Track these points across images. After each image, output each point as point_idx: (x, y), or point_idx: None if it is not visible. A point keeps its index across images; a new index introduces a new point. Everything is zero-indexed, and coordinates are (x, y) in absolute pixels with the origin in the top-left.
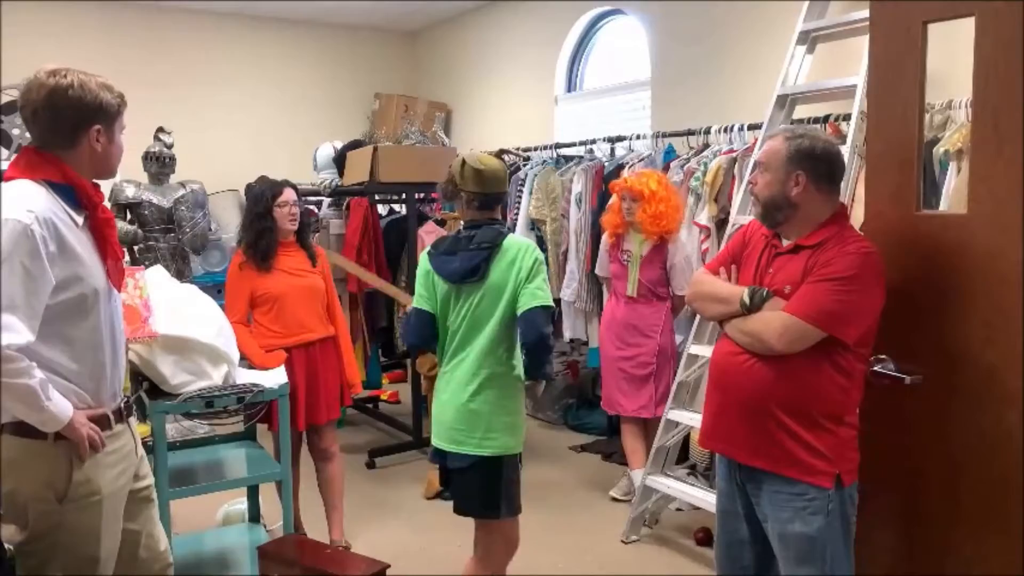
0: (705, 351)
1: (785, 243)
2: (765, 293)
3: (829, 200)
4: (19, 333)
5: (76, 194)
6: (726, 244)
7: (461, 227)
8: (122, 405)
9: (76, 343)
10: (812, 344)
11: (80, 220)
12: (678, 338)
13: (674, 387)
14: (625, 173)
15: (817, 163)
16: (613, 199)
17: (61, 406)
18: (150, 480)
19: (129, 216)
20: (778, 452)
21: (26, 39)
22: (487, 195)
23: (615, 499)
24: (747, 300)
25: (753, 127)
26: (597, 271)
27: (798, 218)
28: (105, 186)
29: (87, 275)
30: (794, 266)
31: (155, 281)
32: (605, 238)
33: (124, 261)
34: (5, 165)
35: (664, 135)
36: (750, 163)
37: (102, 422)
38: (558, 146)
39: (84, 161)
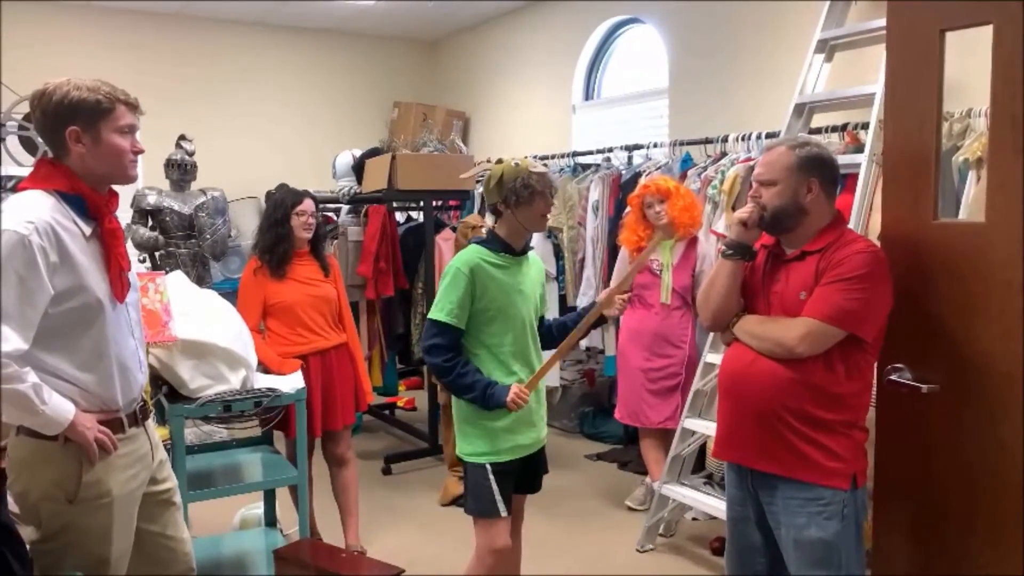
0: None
1: (789, 251)
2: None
3: (831, 205)
4: (9, 341)
5: (85, 204)
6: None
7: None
8: (137, 409)
9: (81, 351)
10: (832, 345)
11: (89, 230)
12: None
13: (690, 396)
14: (642, 181)
15: (825, 170)
16: (628, 214)
17: (60, 410)
18: (171, 484)
19: (151, 223)
20: (794, 457)
21: (49, 48)
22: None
23: (631, 508)
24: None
25: (771, 135)
26: (613, 283)
27: (806, 224)
28: (127, 192)
29: (91, 285)
30: (805, 272)
31: (175, 286)
32: (625, 252)
33: (145, 267)
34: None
35: (681, 143)
36: None
37: (114, 425)
38: (575, 154)
39: (83, 166)
